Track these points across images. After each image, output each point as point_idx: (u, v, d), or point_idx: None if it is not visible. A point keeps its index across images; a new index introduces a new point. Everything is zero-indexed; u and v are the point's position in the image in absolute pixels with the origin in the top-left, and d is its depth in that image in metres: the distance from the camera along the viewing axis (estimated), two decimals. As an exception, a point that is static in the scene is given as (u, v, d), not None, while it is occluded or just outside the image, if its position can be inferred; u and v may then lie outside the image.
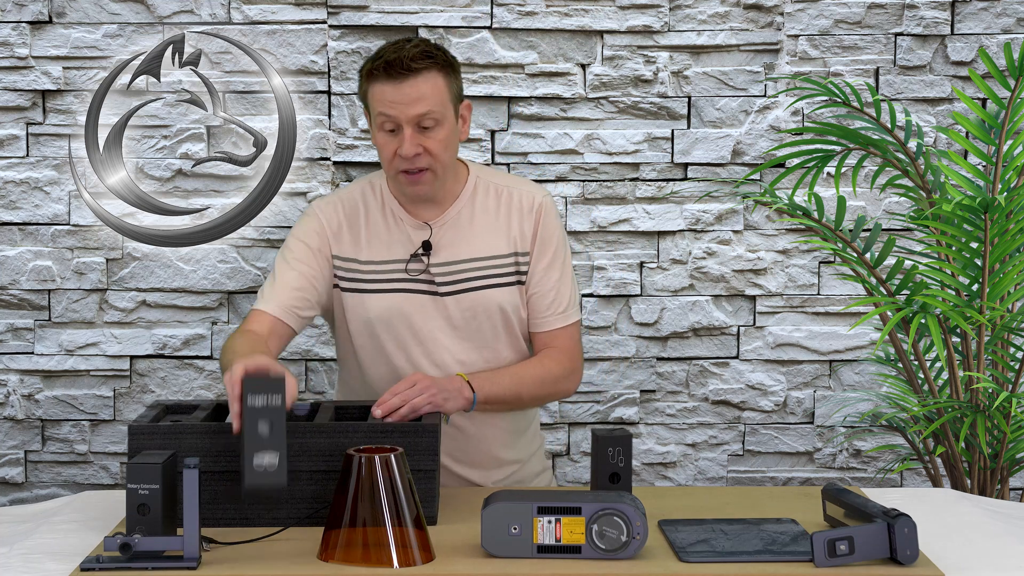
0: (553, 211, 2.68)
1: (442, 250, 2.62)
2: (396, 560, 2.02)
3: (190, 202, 3.60)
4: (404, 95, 2.50)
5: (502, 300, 2.63)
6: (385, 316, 2.61)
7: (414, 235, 2.63)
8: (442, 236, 2.62)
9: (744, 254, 3.65)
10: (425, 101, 2.50)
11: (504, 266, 2.63)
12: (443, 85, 2.53)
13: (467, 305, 2.61)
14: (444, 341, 2.62)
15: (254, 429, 2.00)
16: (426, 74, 2.50)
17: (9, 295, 3.60)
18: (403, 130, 2.51)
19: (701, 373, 3.68)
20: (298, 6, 3.57)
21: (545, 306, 2.67)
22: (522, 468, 2.76)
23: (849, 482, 3.70)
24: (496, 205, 2.65)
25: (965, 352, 3.14)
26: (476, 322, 2.62)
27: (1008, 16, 3.60)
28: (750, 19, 3.60)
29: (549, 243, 2.66)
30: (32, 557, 2.11)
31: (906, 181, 3.40)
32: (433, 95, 2.51)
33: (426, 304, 2.61)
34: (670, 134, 3.62)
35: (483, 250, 2.63)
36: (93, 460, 3.65)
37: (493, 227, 2.64)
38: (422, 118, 2.51)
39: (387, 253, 2.62)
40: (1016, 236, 2.99)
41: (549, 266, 2.66)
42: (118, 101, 3.56)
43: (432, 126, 2.52)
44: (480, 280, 2.62)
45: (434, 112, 2.51)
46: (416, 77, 2.50)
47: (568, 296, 2.69)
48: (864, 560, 2.03)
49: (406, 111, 2.50)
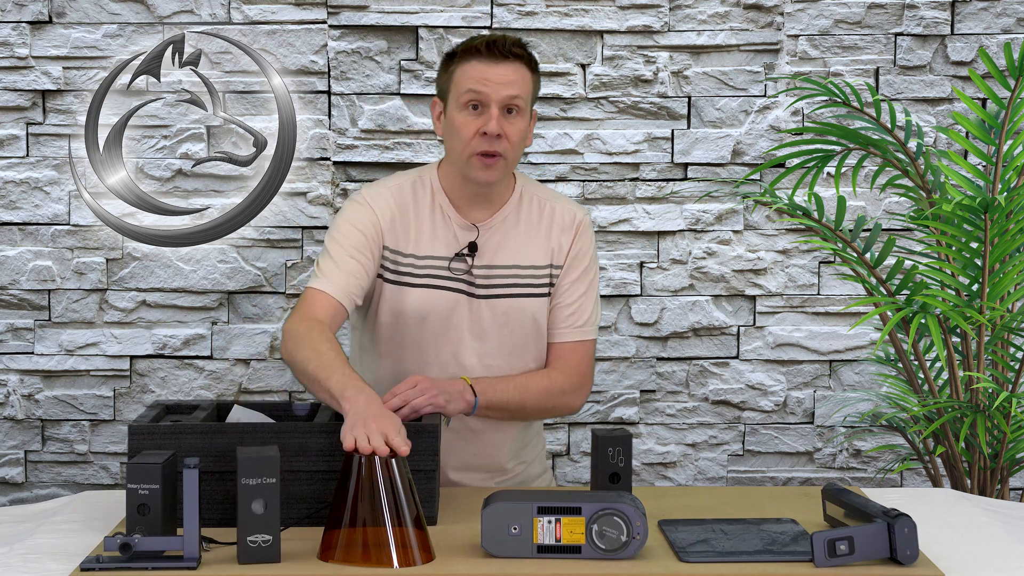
0: (590, 230, 2.71)
1: (486, 253, 2.63)
2: (396, 560, 2.02)
3: (190, 202, 3.60)
4: (500, 75, 2.54)
5: (535, 310, 2.65)
6: (420, 311, 2.61)
7: (460, 234, 2.63)
8: (488, 239, 2.63)
9: (744, 254, 3.65)
10: (516, 85, 2.55)
11: (540, 277, 2.66)
12: (530, 80, 2.59)
13: (501, 311, 2.62)
14: (473, 343, 2.63)
15: (248, 508, 2.02)
16: (520, 64, 2.57)
17: (9, 295, 3.60)
18: (490, 109, 2.54)
19: (701, 373, 3.68)
20: (298, 6, 3.57)
21: (564, 317, 2.68)
22: (525, 471, 2.76)
23: (849, 482, 3.70)
24: (539, 217, 2.68)
25: (965, 352, 3.14)
26: (508, 328, 2.63)
27: (1008, 16, 3.60)
28: (750, 19, 3.60)
29: (581, 259, 2.68)
30: (32, 557, 2.11)
31: (906, 181, 3.40)
32: (523, 84, 2.57)
33: (462, 304, 2.62)
34: (670, 134, 3.62)
35: (524, 258, 2.65)
36: (93, 460, 3.65)
37: (535, 238, 2.67)
38: (511, 101, 2.55)
39: (431, 248, 2.63)
40: (1016, 236, 2.99)
41: (577, 280, 2.68)
42: (118, 101, 3.56)
43: (516, 112, 2.56)
44: (517, 288, 2.64)
45: (521, 98, 2.56)
46: (513, 63, 2.56)
47: (589, 313, 2.70)
48: (864, 560, 2.03)
49: (499, 90, 2.54)
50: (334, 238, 2.61)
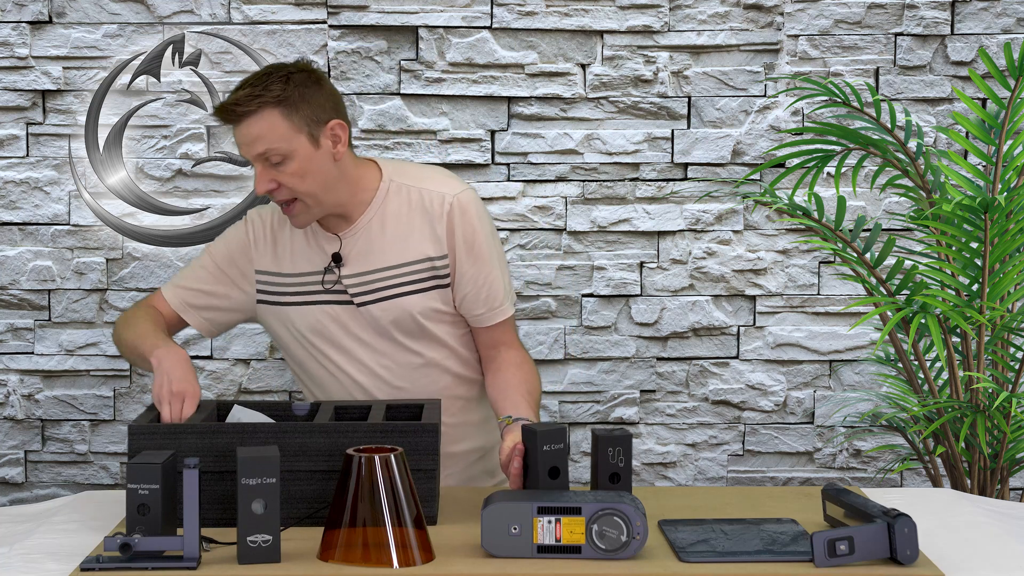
0: (469, 208, 2.61)
1: (353, 261, 2.61)
2: (396, 560, 2.02)
3: (190, 202, 3.60)
4: (242, 136, 2.50)
5: (418, 306, 2.60)
6: (308, 327, 2.63)
7: (327, 247, 2.62)
8: (352, 247, 2.61)
9: (744, 254, 3.65)
10: (261, 140, 2.48)
11: (418, 271, 2.61)
12: (279, 120, 2.48)
13: (383, 313, 2.60)
14: (366, 349, 2.62)
15: (248, 508, 2.02)
16: (259, 114, 2.47)
17: (9, 295, 3.60)
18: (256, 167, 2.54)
19: (701, 373, 3.68)
20: (298, 6, 3.57)
21: (480, 303, 2.63)
22: (483, 458, 2.74)
23: (849, 482, 3.70)
24: (408, 209, 2.61)
25: (965, 352, 3.14)
26: (397, 328, 2.61)
27: (1008, 16, 3.60)
28: (750, 19, 3.60)
29: (470, 243, 2.61)
30: (32, 557, 2.11)
31: (906, 181, 3.40)
32: (270, 132, 2.48)
33: (344, 314, 2.61)
34: (670, 134, 3.62)
35: (394, 258, 2.60)
36: (93, 460, 3.65)
37: (405, 233, 2.61)
38: (265, 156, 2.50)
39: (306, 265, 2.63)
40: (1016, 236, 2.99)
41: (475, 264, 2.61)
42: (118, 101, 3.56)
43: (280, 161, 2.49)
44: (394, 288, 2.60)
45: (275, 149, 2.48)
46: (248, 119, 2.48)
47: (500, 289, 2.65)
48: (864, 560, 2.03)
49: (247, 152, 2.52)
50: (208, 248, 2.72)
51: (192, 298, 2.67)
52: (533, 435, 2.29)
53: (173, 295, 2.68)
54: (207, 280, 2.67)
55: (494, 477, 2.75)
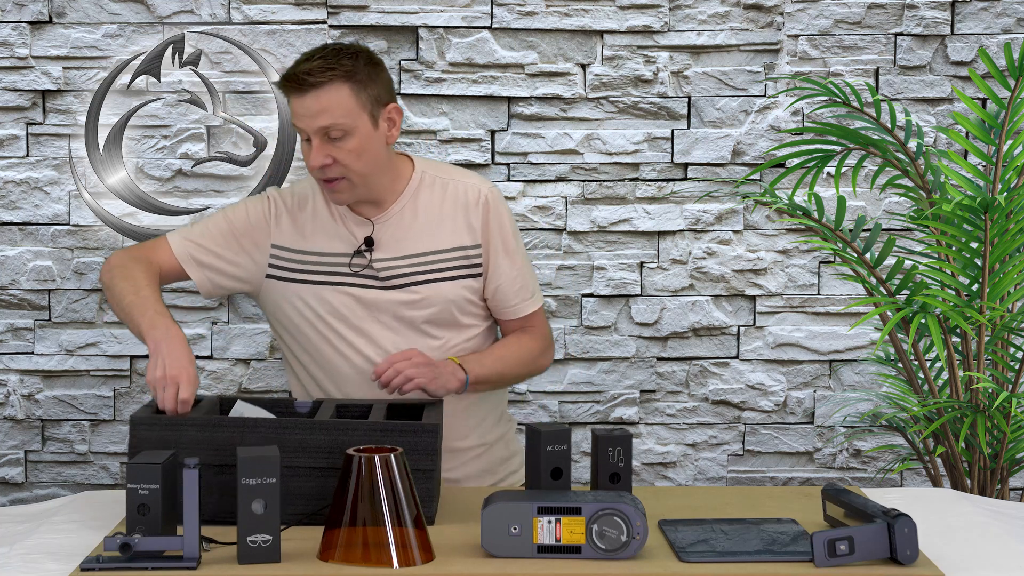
0: (501, 201, 2.71)
1: (384, 246, 2.64)
2: (396, 560, 2.02)
3: (190, 202, 3.60)
4: (307, 108, 2.51)
5: (449, 293, 2.65)
6: (327, 308, 2.63)
7: (357, 231, 2.65)
8: (384, 232, 2.64)
9: (744, 254, 3.65)
10: (327, 114, 2.50)
11: (450, 259, 2.66)
12: (348, 95, 2.51)
13: (413, 299, 2.63)
14: (388, 333, 2.63)
15: (248, 508, 2.02)
16: (329, 86, 2.50)
17: (9, 295, 3.60)
18: (312, 141, 2.54)
19: (701, 373, 3.68)
20: (298, 6, 3.57)
21: (513, 293, 2.70)
22: (486, 452, 2.75)
23: (849, 482, 3.70)
24: (441, 200, 2.67)
25: (965, 352, 3.14)
26: (423, 315, 2.64)
27: (1008, 16, 3.60)
28: (750, 19, 3.60)
29: (504, 235, 2.68)
30: (32, 557, 2.11)
31: (906, 181, 3.40)
32: (337, 107, 2.50)
33: (371, 297, 2.63)
34: (670, 134, 3.62)
35: (427, 245, 2.65)
36: (93, 460, 3.65)
37: (437, 222, 2.66)
38: (327, 130, 2.51)
39: (332, 246, 2.65)
40: (1016, 236, 2.99)
41: (509, 256, 2.69)
42: (118, 101, 3.56)
43: (340, 137, 2.52)
44: (425, 275, 2.64)
45: (339, 124, 2.51)
46: (318, 90, 2.50)
47: (533, 282, 2.75)
48: (864, 560, 2.03)
49: (311, 123, 2.52)
50: (225, 211, 2.69)
51: (200, 254, 2.65)
52: (537, 435, 2.30)
53: (181, 247, 2.65)
54: (219, 242, 2.66)
55: (495, 474, 2.75)
